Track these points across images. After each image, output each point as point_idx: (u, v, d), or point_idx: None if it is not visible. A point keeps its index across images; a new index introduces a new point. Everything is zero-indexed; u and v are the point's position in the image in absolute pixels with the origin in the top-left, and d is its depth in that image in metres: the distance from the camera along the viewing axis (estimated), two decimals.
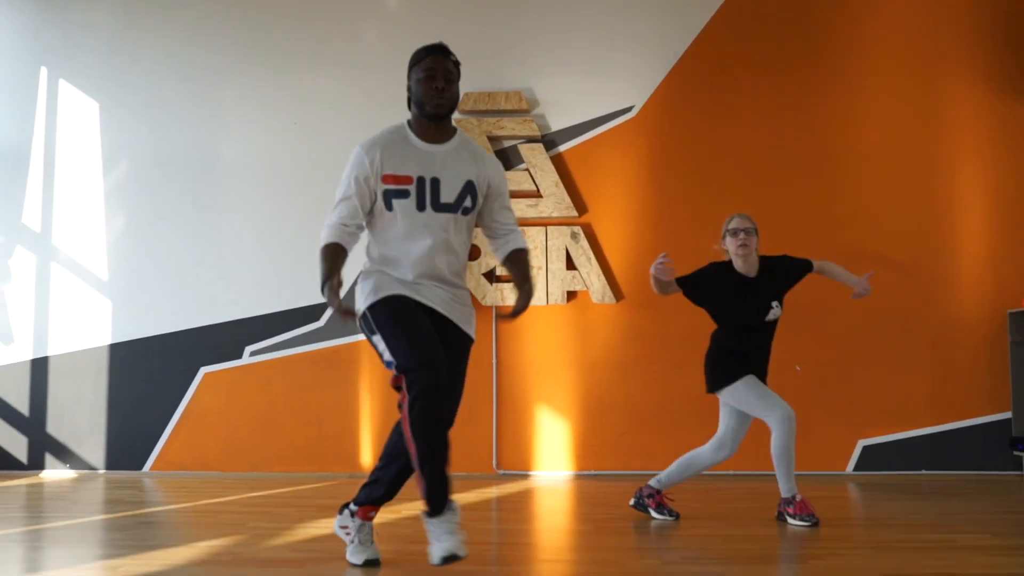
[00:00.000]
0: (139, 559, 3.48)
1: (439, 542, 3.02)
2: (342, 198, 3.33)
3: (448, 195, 3.29)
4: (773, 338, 4.48)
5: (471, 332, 3.36)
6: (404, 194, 3.26)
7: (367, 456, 6.21)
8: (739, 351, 4.37)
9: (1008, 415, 6.02)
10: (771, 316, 4.38)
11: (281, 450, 6.26)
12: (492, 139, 6.24)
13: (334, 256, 3.28)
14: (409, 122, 3.42)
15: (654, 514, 4.40)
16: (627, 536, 4.02)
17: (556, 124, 6.31)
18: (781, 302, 4.46)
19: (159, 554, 3.57)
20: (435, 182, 3.28)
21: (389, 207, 3.27)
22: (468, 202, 3.32)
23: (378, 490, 3.42)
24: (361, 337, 6.25)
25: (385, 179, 3.27)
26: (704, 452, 4.48)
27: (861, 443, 6.10)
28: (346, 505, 3.52)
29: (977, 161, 6.21)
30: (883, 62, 6.29)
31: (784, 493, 4.32)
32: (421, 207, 3.26)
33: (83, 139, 6.58)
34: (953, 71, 6.25)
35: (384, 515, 4.23)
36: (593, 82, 6.33)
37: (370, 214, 3.34)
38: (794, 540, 3.77)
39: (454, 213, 3.29)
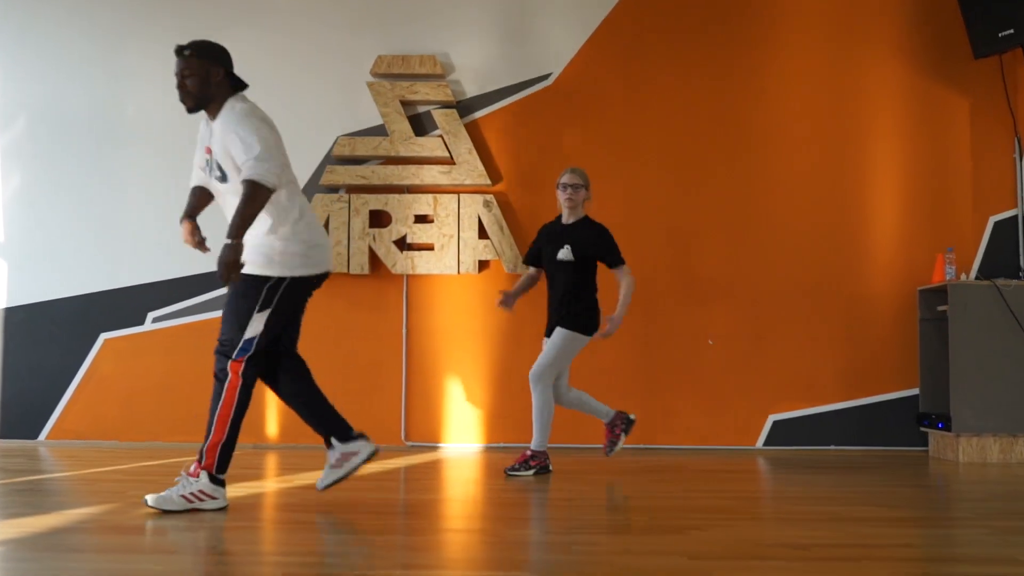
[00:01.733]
0: None
1: None
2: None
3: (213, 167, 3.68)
4: (569, 282, 4.78)
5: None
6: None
7: (272, 426, 6.06)
8: (548, 298, 4.91)
9: (916, 391, 6.04)
10: (561, 255, 4.76)
11: (182, 420, 6.06)
12: (405, 104, 6.09)
13: None
14: None
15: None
16: (528, 508, 3.93)
17: (471, 90, 6.18)
18: (575, 252, 4.76)
19: (20, 521, 3.40)
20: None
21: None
22: (217, 171, 3.63)
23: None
24: None
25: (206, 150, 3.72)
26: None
27: (772, 418, 6.09)
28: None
29: (893, 138, 6.20)
30: (800, 33, 6.25)
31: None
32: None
33: None
34: (871, 45, 6.23)
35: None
36: (510, 48, 6.21)
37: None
38: (678, 512, 3.71)
39: (215, 182, 3.71)
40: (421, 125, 6.13)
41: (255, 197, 3.45)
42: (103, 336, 6.17)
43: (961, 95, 6.18)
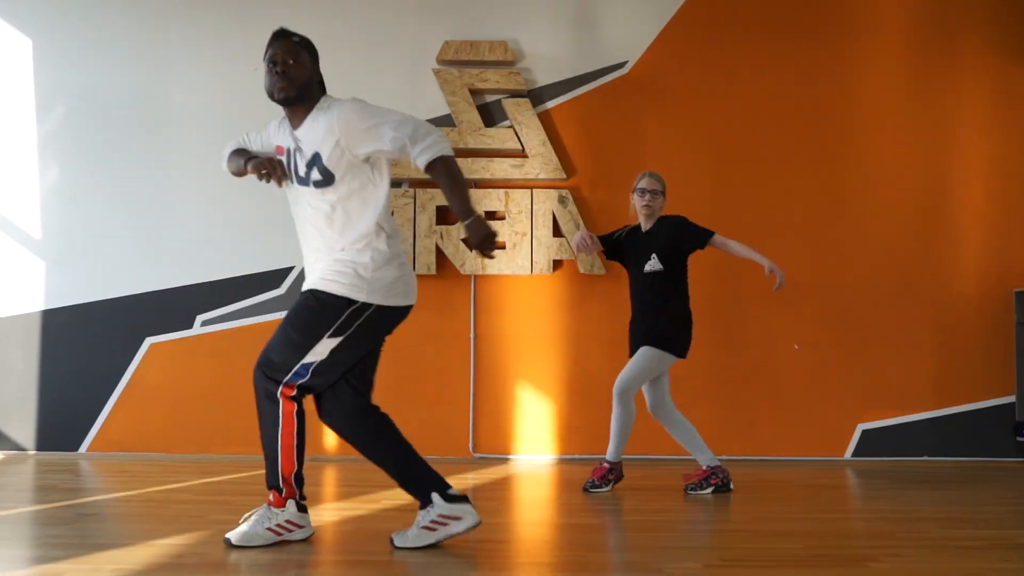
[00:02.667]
0: (84, 562, 2.93)
1: None
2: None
3: (301, 170, 3.18)
4: (659, 297, 4.50)
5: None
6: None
7: (330, 436, 5.66)
8: (632, 314, 4.61)
9: (1012, 399, 5.72)
10: (649, 267, 4.49)
11: (234, 430, 5.66)
12: (474, 92, 5.71)
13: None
14: None
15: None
16: (608, 533, 3.58)
17: (543, 79, 5.80)
18: (663, 259, 4.48)
19: (108, 555, 3.02)
20: (294, 155, 3.21)
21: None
22: (316, 174, 3.13)
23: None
24: None
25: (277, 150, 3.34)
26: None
27: (860, 427, 5.75)
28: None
29: (984, 134, 5.88)
30: (888, 24, 5.91)
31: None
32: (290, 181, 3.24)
33: (13, 80, 5.86)
34: (961, 37, 5.89)
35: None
36: (584, 35, 5.84)
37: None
38: (831, 538, 3.37)
39: (307, 187, 3.17)
40: (490, 115, 5.75)
41: (454, 169, 3.09)
42: (149, 340, 5.76)
43: None
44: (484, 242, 3.06)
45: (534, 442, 5.70)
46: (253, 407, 5.68)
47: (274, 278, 5.76)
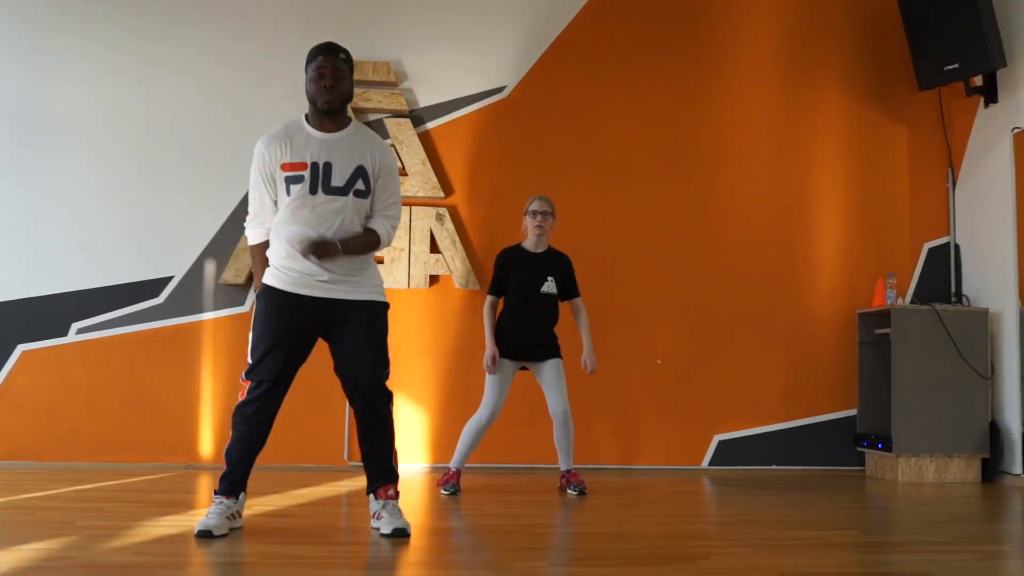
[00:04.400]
0: None
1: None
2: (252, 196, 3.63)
3: (339, 178, 3.49)
4: (552, 316, 4.93)
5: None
6: (299, 179, 3.47)
7: (207, 446, 5.74)
8: (511, 326, 4.87)
9: (854, 412, 6.18)
10: (545, 288, 4.88)
11: (109, 438, 5.70)
12: (357, 111, 5.88)
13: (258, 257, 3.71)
14: (307, 115, 3.61)
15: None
16: (493, 536, 3.80)
17: (425, 100, 6.02)
18: (558, 285, 4.93)
19: None
20: (327, 167, 3.48)
21: (288, 192, 3.48)
22: (360, 185, 3.51)
23: None
24: (204, 316, 5.79)
25: (284, 167, 3.49)
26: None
27: (717, 438, 6.12)
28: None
29: (836, 165, 6.35)
30: (752, 58, 6.34)
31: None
32: (314, 191, 3.47)
33: None
34: (819, 73, 6.36)
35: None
36: (465, 59, 6.08)
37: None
38: (668, 540, 3.66)
39: (345, 196, 3.49)
40: None
41: (376, 246, 3.61)
42: (20, 348, 5.73)
43: (901, 125, 6.38)
44: (321, 251, 3.41)
45: (409, 451, 5.87)
46: (129, 414, 5.72)
47: (153, 287, 5.80)
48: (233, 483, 3.60)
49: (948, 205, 6.38)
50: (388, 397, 3.67)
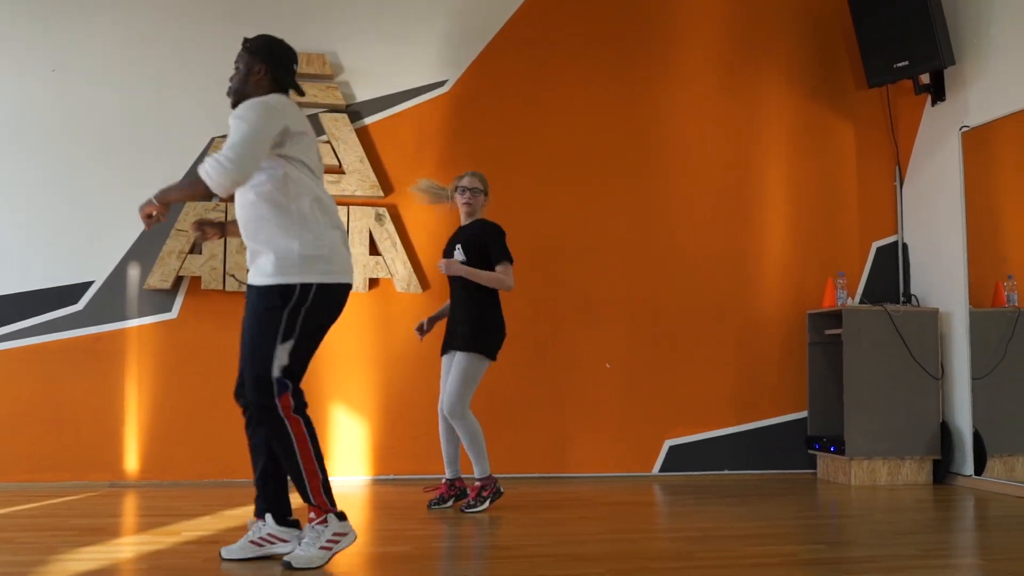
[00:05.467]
0: None
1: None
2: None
3: None
4: (468, 300, 4.56)
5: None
6: None
7: (132, 461, 5.38)
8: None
9: (804, 414, 6.08)
10: (455, 256, 4.58)
11: (27, 456, 5.30)
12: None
13: None
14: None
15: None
16: (420, 561, 3.57)
17: (362, 94, 5.74)
18: (468, 252, 4.57)
19: None
20: None
21: None
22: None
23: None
24: (128, 324, 5.44)
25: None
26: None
27: (668, 443, 5.96)
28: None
29: (783, 162, 6.24)
30: (698, 54, 6.18)
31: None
32: None
33: None
34: (764, 69, 6.24)
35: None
36: (404, 52, 5.81)
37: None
38: (632, 559, 3.46)
39: None
40: None
41: (197, 187, 3.20)
42: None
43: (847, 122, 6.29)
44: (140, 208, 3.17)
45: (349, 462, 5.60)
46: (48, 430, 5.34)
47: (71, 293, 5.42)
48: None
49: (896, 203, 6.31)
50: (264, 404, 3.22)
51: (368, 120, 5.72)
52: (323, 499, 3.24)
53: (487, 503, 4.50)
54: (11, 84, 5.47)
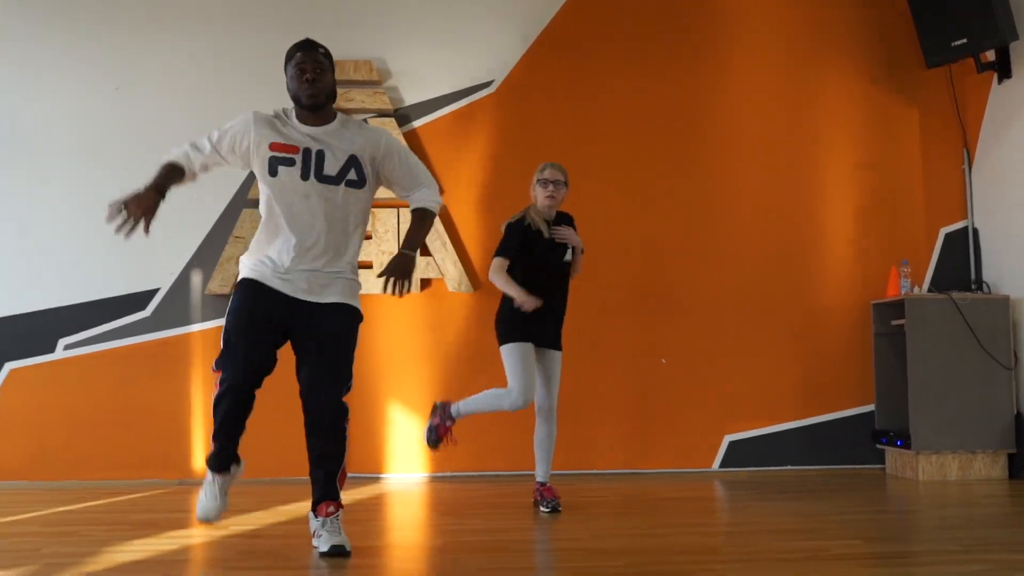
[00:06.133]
0: None
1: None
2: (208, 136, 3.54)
3: (331, 167, 3.42)
4: (564, 292, 4.53)
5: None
6: (290, 162, 3.40)
7: (199, 460, 5.60)
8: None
9: (871, 407, 5.90)
10: (568, 258, 4.50)
11: (100, 456, 5.58)
12: (340, 111, 5.69)
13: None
14: (291, 111, 3.56)
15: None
16: (501, 554, 3.61)
17: (410, 98, 5.83)
18: (569, 252, 4.52)
19: None
20: (320, 154, 3.41)
21: (274, 173, 3.39)
22: (353, 175, 3.44)
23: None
24: (192, 328, 5.66)
25: (272, 147, 3.41)
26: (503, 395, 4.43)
27: (728, 438, 5.87)
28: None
29: (846, 150, 6.07)
30: (753, 44, 6.07)
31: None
32: (305, 176, 3.39)
33: None
34: (824, 56, 6.08)
35: None
36: (450, 54, 5.88)
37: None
38: (657, 555, 3.44)
39: (337, 185, 3.42)
40: None
41: (432, 219, 3.68)
42: (8, 366, 5.62)
43: (911, 106, 6.08)
44: (405, 273, 3.48)
45: (405, 460, 5.70)
46: (119, 431, 5.59)
47: (139, 300, 5.67)
48: None
49: (964, 188, 6.07)
50: (341, 408, 3.53)
51: (416, 123, 5.82)
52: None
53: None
54: (80, 102, 5.76)
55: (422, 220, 3.59)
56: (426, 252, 5.71)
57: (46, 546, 3.73)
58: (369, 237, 5.64)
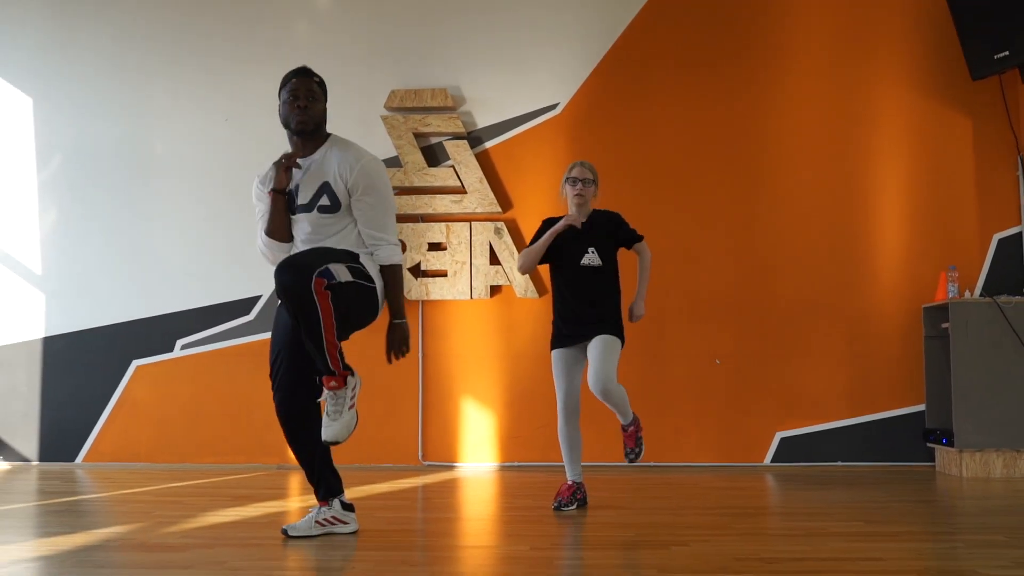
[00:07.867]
0: (29, 546, 3.57)
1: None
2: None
3: (303, 197, 3.60)
4: (602, 291, 4.43)
5: None
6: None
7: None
8: (562, 312, 4.45)
9: (922, 407, 6.15)
10: (585, 261, 4.41)
11: (210, 441, 6.38)
12: (418, 136, 6.34)
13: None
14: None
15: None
16: (540, 524, 4.13)
17: (482, 121, 6.42)
18: (601, 253, 4.44)
19: (52, 540, 3.66)
20: (295, 191, 3.62)
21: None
22: (325, 200, 3.58)
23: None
24: None
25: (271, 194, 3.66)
26: None
27: (779, 435, 6.22)
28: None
29: (897, 159, 6.33)
30: (806, 58, 6.41)
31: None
32: (293, 213, 3.65)
33: (17, 134, 6.67)
34: (875, 68, 6.37)
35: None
36: (518, 79, 6.44)
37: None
38: (665, 528, 3.88)
39: (310, 212, 3.59)
40: (434, 156, 6.38)
41: (401, 275, 3.76)
42: (135, 363, 6.48)
43: (964, 115, 6.30)
44: (403, 342, 3.77)
45: (477, 450, 6.27)
46: (226, 420, 6.37)
47: (244, 306, 6.44)
48: None
49: (1019, 194, 6.25)
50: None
51: (488, 144, 6.40)
52: (339, 364, 3.48)
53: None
54: (195, 130, 6.58)
55: (395, 280, 3.66)
56: (495, 261, 6.27)
57: (157, 510, 4.45)
58: (444, 248, 6.25)
